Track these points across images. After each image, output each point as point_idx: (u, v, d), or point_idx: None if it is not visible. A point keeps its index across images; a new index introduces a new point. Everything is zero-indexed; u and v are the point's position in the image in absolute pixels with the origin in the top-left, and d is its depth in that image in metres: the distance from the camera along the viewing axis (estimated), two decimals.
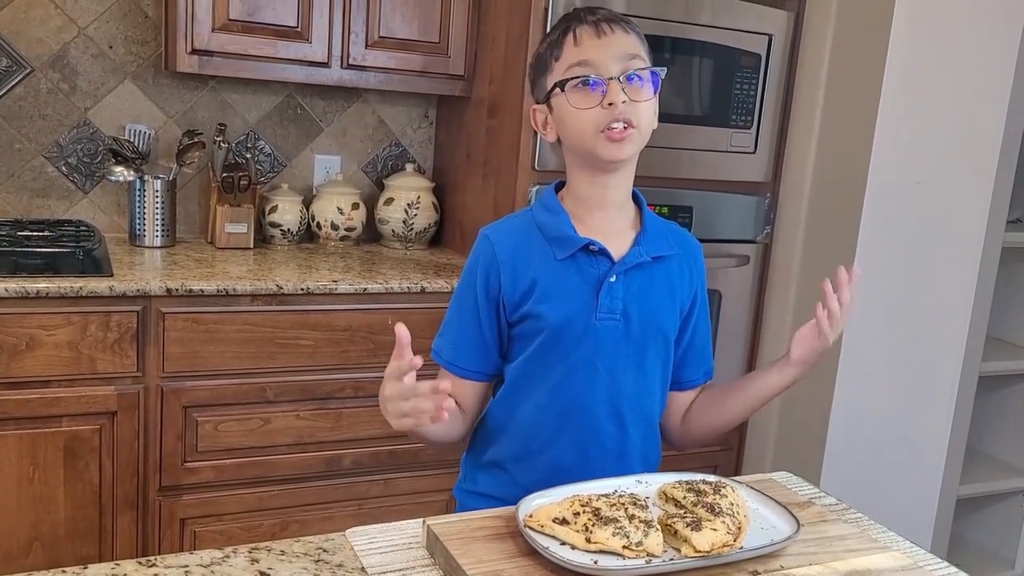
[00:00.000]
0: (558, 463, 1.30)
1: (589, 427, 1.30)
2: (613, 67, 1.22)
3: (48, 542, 1.97)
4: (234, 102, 2.55)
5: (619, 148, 1.23)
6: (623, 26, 1.25)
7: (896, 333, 2.40)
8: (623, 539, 0.96)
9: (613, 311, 1.27)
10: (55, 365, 1.91)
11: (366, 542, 1.02)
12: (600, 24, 1.24)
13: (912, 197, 2.33)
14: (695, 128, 2.39)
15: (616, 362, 1.28)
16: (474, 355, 1.33)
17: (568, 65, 1.24)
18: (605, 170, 1.27)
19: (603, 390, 1.29)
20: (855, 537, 1.08)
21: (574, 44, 1.24)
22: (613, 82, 1.21)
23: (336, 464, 2.21)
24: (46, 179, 2.41)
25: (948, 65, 2.27)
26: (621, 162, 1.26)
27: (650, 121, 1.26)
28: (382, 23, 2.35)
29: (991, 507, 2.85)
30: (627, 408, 1.31)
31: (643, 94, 1.23)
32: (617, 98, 1.20)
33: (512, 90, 2.28)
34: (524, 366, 1.31)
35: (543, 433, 1.31)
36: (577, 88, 1.23)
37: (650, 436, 1.37)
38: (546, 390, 1.30)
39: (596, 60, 1.22)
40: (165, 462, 2.05)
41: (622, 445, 1.32)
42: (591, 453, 1.30)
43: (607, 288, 1.26)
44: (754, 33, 2.40)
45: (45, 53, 2.34)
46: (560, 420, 1.30)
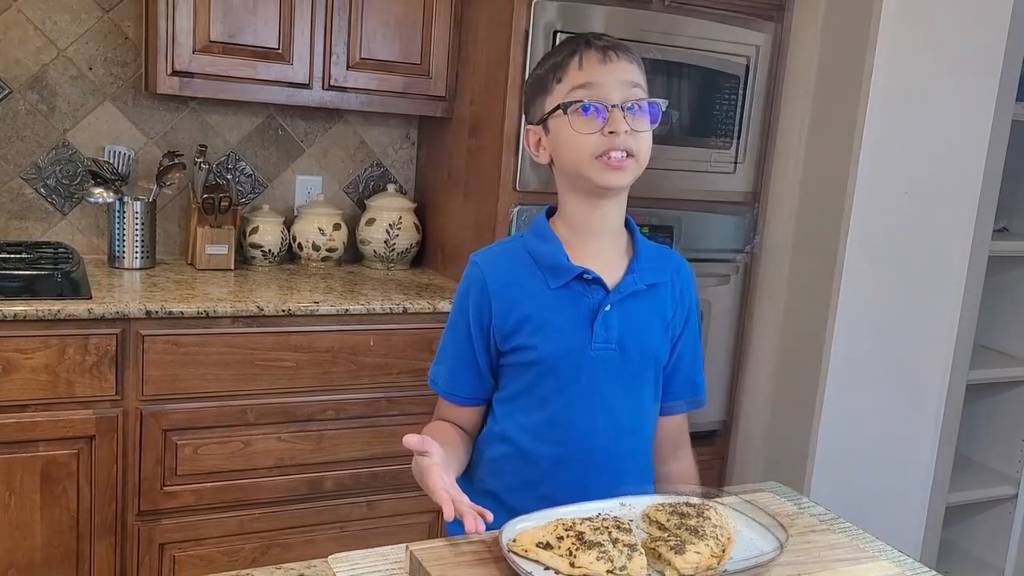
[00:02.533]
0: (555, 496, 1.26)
1: (587, 459, 1.28)
2: (616, 94, 1.21)
3: (24, 568, 1.94)
4: (215, 123, 2.54)
5: (617, 176, 1.22)
6: (627, 55, 1.25)
7: (884, 342, 2.42)
8: (607, 563, 0.95)
9: (609, 341, 1.25)
10: (32, 389, 1.89)
11: (347, 568, 1.01)
12: (608, 51, 1.24)
13: (899, 208, 2.35)
14: (676, 148, 2.41)
15: (613, 392, 1.27)
16: (470, 382, 1.32)
17: (571, 88, 1.23)
18: (598, 196, 1.26)
19: (600, 421, 1.28)
20: (845, 547, 1.08)
21: (579, 68, 1.23)
22: (616, 110, 1.21)
23: (318, 487, 2.19)
24: (24, 201, 2.39)
25: (932, 75, 2.30)
26: (616, 189, 1.25)
27: (648, 150, 1.25)
28: (363, 44, 2.36)
29: (980, 515, 2.87)
30: (624, 439, 1.30)
31: (643, 124, 1.23)
32: (620, 127, 1.20)
33: (493, 111, 2.29)
34: (517, 398, 1.30)
35: (540, 465, 1.30)
36: (579, 112, 1.22)
37: (646, 469, 1.35)
38: (542, 422, 1.28)
39: (600, 85, 1.21)
40: (144, 486, 2.03)
41: (619, 476, 1.30)
42: (588, 484, 1.28)
43: (602, 318, 1.25)
44: (734, 54, 2.42)
45: (24, 74, 2.33)
46: (558, 452, 1.28)
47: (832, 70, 2.38)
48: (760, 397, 2.61)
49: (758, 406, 2.62)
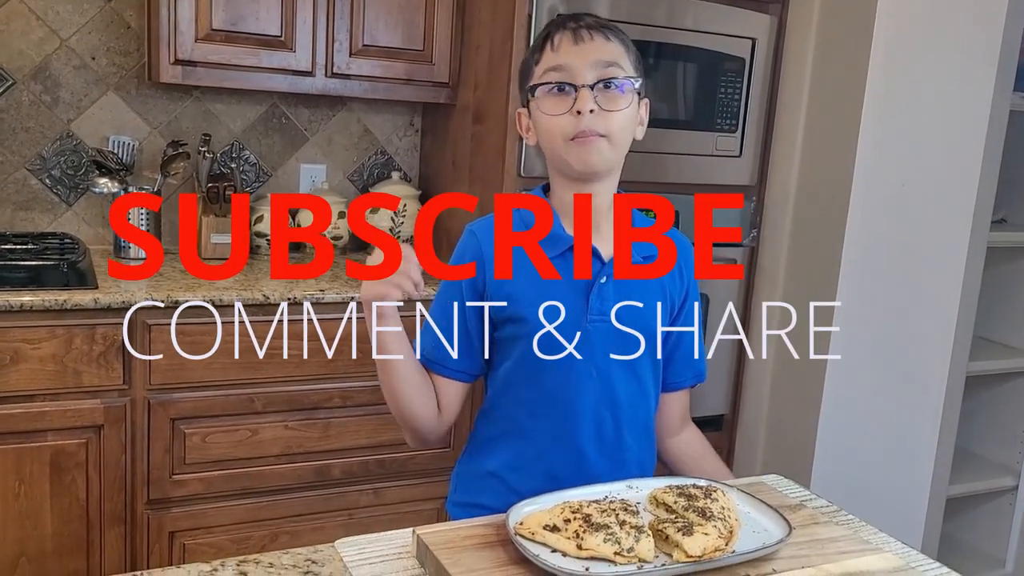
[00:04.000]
0: (555, 471, 1.27)
1: (585, 433, 1.28)
2: (588, 74, 1.20)
3: (35, 558, 1.95)
4: (218, 112, 2.54)
5: (587, 155, 1.21)
6: (604, 33, 1.23)
7: (883, 334, 2.41)
8: (614, 545, 0.95)
9: (604, 313, 1.25)
10: (40, 379, 1.89)
11: (355, 553, 1.01)
12: (580, 31, 1.22)
13: (897, 198, 2.34)
14: (680, 132, 2.40)
15: (608, 365, 1.27)
16: (458, 353, 1.29)
17: (544, 70, 1.23)
18: (582, 180, 1.25)
19: (596, 394, 1.27)
20: (847, 539, 1.08)
21: (551, 49, 1.23)
22: (584, 90, 1.19)
23: (325, 474, 2.20)
24: (29, 192, 2.39)
25: (931, 66, 2.29)
26: (594, 173, 1.24)
27: (623, 130, 1.23)
28: (366, 31, 2.35)
29: (981, 506, 2.86)
30: (622, 412, 1.29)
31: (618, 103, 1.21)
32: (585, 106, 1.19)
33: (497, 97, 2.28)
34: (513, 372, 1.29)
35: (538, 441, 1.29)
36: (550, 93, 1.22)
37: (646, 442, 1.35)
38: (539, 395, 1.28)
39: (570, 66, 1.21)
40: (152, 475, 2.03)
41: (618, 451, 1.30)
42: (589, 459, 1.28)
43: (598, 289, 1.25)
44: (738, 37, 2.41)
45: (27, 65, 2.33)
46: (555, 427, 1.28)
47: (831, 60, 2.37)
48: (761, 389, 2.61)
49: (759, 398, 2.62)
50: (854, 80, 2.28)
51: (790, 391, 2.52)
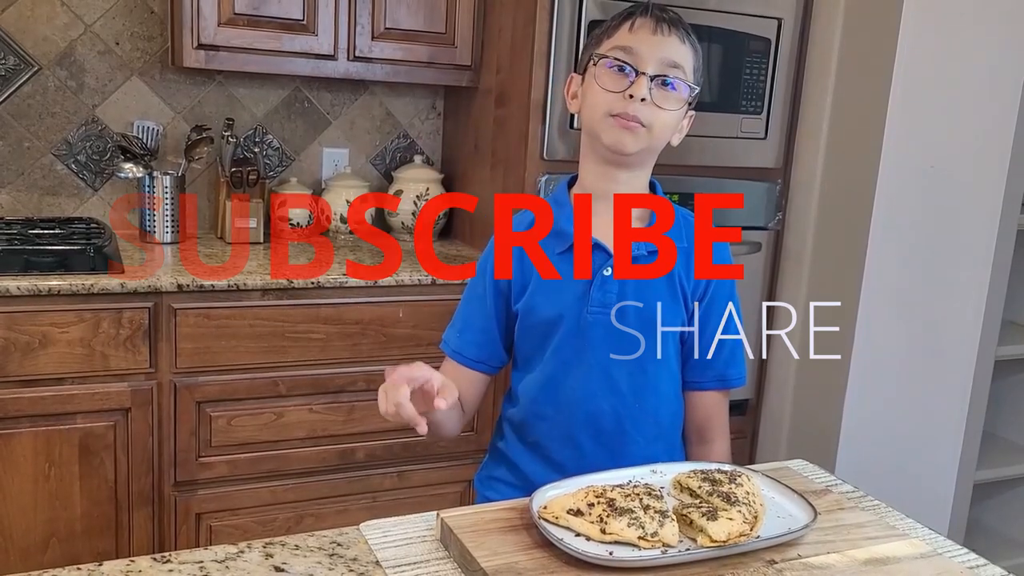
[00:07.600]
0: (553, 457, 1.32)
1: (582, 423, 1.30)
2: (653, 65, 1.22)
3: (65, 538, 1.98)
4: (241, 96, 2.54)
5: (622, 136, 1.22)
6: (681, 35, 1.26)
7: (910, 318, 2.38)
8: (638, 530, 0.95)
9: (606, 306, 1.26)
10: (68, 363, 1.92)
11: (380, 535, 1.02)
12: (661, 23, 1.25)
13: (925, 180, 2.31)
14: (705, 115, 2.36)
15: (608, 358, 1.27)
16: (480, 344, 1.34)
17: (614, 46, 1.25)
18: (611, 163, 1.27)
19: (596, 386, 1.29)
20: (873, 525, 1.07)
21: (629, 30, 1.25)
22: (643, 78, 1.22)
23: (350, 457, 2.21)
24: (56, 177, 2.41)
25: (961, 45, 2.24)
26: (623, 155, 1.25)
27: (665, 128, 1.25)
28: (388, 14, 2.34)
29: (1008, 492, 2.83)
30: (624, 406, 1.29)
31: (669, 102, 1.24)
32: (639, 92, 1.21)
33: (520, 79, 2.27)
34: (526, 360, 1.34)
35: (540, 428, 1.33)
36: (611, 69, 1.23)
37: (656, 437, 1.33)
38: (540, 385, 1.31)
39: (640, 52, 1.23)
40: (179, 457, 2.06)
41: (620, 444, 1.30)
42: (585, 449, 1.30)
43: (600, 282, 1.26)
44: (763, 17, 2.38)
45: (52, 51, 2.34)
46: (556, 416, 1.31)
47: (858, 40, 2.33)
48: (786, 373, 2.59)
49: (784, 383, 2.60)
50: (882, 61, 2.25)
51: (815, 375, 2.50)
